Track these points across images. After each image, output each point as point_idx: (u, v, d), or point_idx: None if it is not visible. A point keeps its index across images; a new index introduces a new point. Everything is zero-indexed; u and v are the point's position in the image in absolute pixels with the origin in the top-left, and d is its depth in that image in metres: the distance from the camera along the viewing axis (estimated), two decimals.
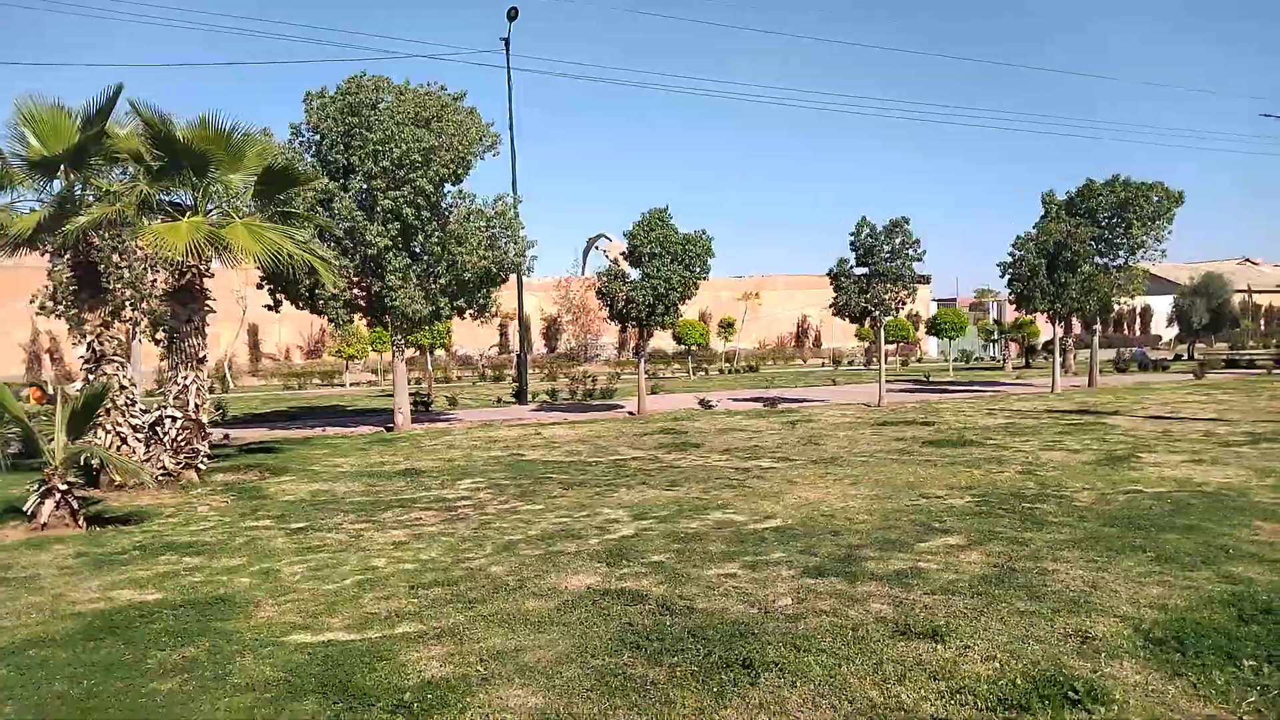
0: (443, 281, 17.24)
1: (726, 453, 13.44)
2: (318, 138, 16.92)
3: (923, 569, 6.85)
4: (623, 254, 20.97)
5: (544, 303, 50.74)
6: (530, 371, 39.29)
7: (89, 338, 11.22)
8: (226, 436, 16.82)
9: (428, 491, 10.85)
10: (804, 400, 23.50)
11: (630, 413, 21.08)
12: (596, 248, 58.68)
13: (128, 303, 11.67)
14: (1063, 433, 14.42)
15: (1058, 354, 24.50)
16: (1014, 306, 23.73)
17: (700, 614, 5.97)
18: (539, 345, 52.25)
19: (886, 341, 36.62)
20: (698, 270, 19.72)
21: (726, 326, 42.04)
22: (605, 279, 20.32)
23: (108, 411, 11.12)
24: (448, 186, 17.50)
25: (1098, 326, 25.58)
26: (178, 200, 12.03)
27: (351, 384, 36.01)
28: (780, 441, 14.60)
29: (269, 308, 17.62)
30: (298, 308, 17.62)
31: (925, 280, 58.49)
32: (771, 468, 11.88)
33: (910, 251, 20.96)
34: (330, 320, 17.92)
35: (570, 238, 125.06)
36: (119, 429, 11.24)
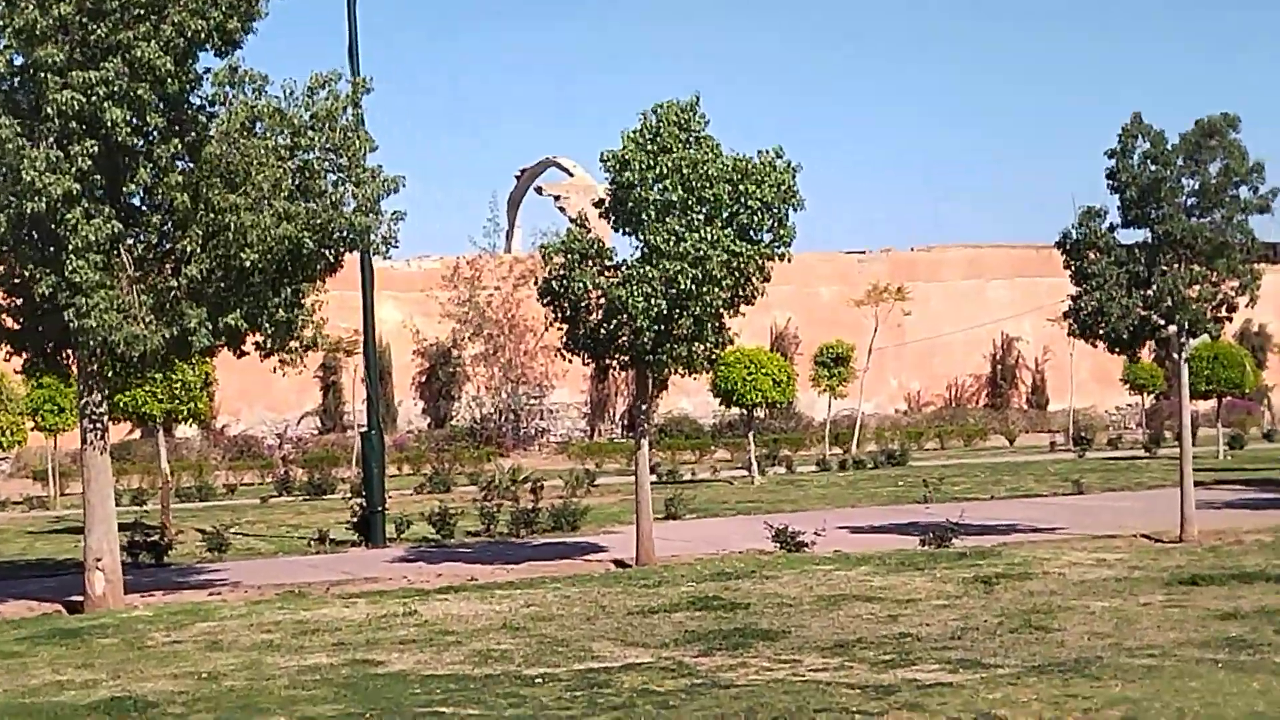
0: (193, 271, 17.31)
1: (839, 651, 13.46)
2: None
3: None
4: (595, 203, 21.01)
5: (422, 314, 50.96)
6: (394, 471, 39.56)
7: None
8: None
9: None
10: (1010, 528, 23.60)
11: (619, 562, 21.16)
12: (539, 190, 59.33)
13: None
14: None
15: None
16: None
17: None
18: (410, 410, 52.29)
19: (1197, 393, 36.66)
20: (767, 238, 19.95)
21: (834, 364, 42.17)
22: (557, 258, 20.39)
23: None
24: (205, 60, 17.70)
25: None
26: None
27: None
28: (962, 624, 14.61)
29: None
30: None
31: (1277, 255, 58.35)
32: (943, 684, 11.89)
33: (1244, 189, 21.06)
34: None
35: (477, 179, 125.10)
36: None
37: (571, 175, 56.11)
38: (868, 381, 44.84)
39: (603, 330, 20.23)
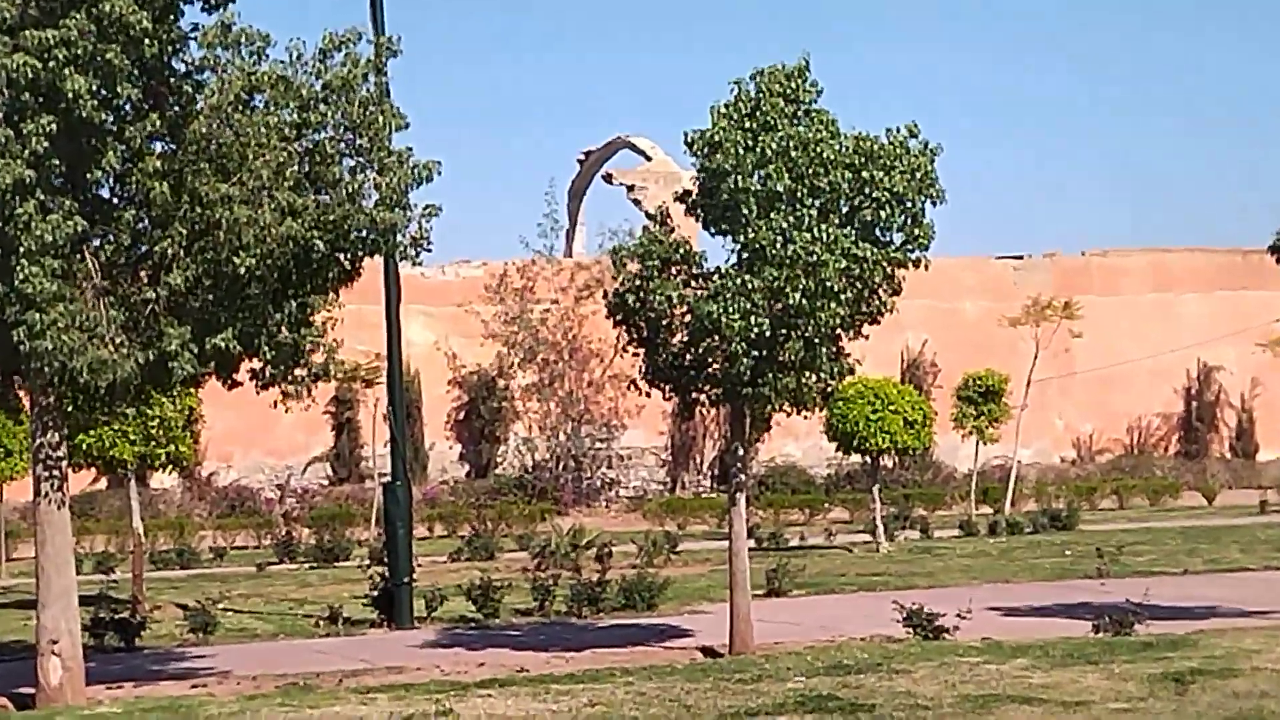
0: (175, 280, 17.43)
1: None
2: None
3: None
4: (679, 195, 20.94)
5: (460, 335, 50.89)
6: (423, 532, 39.61)
7: None
8: None
9: None
10: (1209, 611, 23.38)
11: (708, 650, 21.17)
12: (608, 178, 59.21)
13: None
14: None
15: None
16: None
17: None
18: (445, 455, 52.21)
19: None
20: (898, 239, 19.99)
21: (982, 399, 41.98)
22: (631, 264, 20.37)
23: None
24: (192, 15, 17.83)
25: None
26: None
27: None
28: None
29: None
30: None
31: None
32: None
33: None
34: None
35: (530, 165, 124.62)
36: None
37: (649, 159, 56.19)
38: (1026, 422, 44.58)
39: (689, 355, 20.22)
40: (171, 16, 17.43)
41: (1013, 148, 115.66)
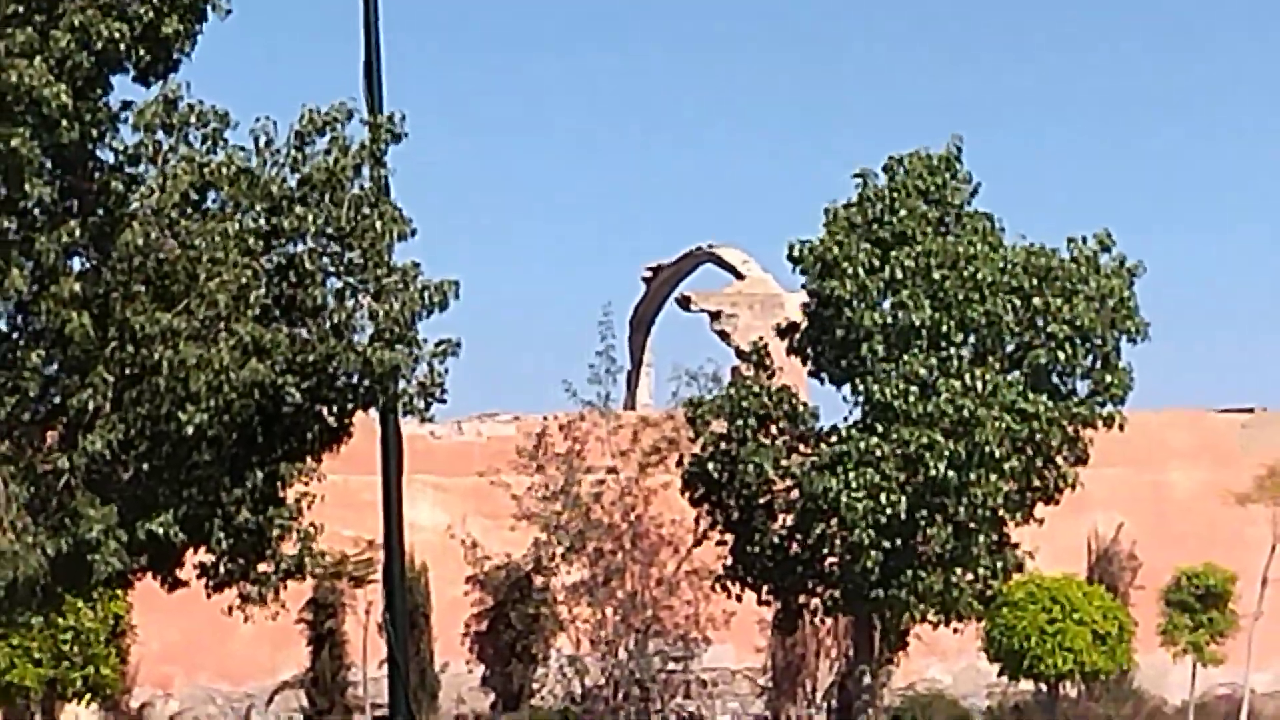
0: (97, 444, 17.45)
1: None
2: None
3: None
4: (782, 329, 21.09)
5: (485, 516, 50.50)
6: None
7: None
8: None
9: None
10: None
11: None
12: (685, 303, 59.15)
13: None
14: None
15: None
16: None
17: None
18: (462, 679, 51.70)
19: None
20: (1083, 389, 20.10)
21: (1200, 605, 41.78)
22: (715, 423, 20.43)
23: None
24: (124, 88, 18.09)
25: None
26: None
27: None
28: None
29: None
30: None
31: None
32: None
33: None
34: None
35: (579, 287, 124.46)
36: None
37: (740, 278, 56.18)
38: (1261, 636, 44.31)
39: (795, 545, 20.26)
40: (98, 90, 17.53)
41: (1238, 262, 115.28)
